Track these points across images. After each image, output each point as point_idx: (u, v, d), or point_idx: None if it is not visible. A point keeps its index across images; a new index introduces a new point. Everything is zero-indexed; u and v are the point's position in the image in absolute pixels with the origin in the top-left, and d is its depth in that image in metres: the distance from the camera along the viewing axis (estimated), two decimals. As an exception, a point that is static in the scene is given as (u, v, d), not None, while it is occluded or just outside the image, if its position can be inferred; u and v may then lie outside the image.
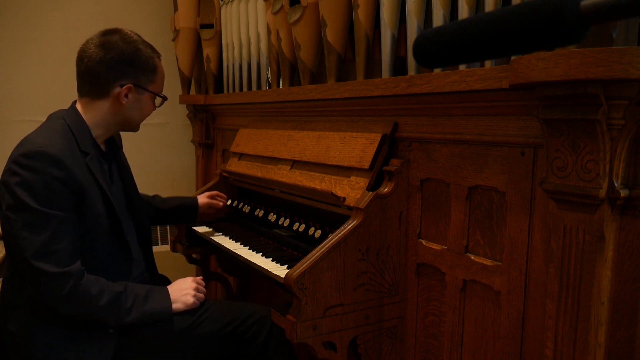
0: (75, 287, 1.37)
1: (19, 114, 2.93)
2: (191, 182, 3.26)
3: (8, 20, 2.91)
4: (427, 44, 0.57)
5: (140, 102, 1.59)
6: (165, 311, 1.52)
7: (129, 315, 1.45)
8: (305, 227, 1.76)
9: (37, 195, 1.33)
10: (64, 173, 1.37)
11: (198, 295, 1.59)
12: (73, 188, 1.39)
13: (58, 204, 1.36)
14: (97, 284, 1.42)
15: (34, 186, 1.34)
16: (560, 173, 1.04)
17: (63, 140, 1.43)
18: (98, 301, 1.40)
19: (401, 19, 1.58)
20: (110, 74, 1.51)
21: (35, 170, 1.34)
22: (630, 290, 1.04)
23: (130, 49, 1.53)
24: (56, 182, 1.36)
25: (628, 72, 0.87)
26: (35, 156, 1.35)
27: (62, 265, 1.35)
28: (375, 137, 1.55)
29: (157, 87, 1.64)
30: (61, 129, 1.47)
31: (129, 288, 1.49)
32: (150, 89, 1.61)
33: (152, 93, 1.62)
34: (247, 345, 1.61)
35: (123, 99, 1.54)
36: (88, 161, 1.47)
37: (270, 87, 2.33)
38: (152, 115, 1.75)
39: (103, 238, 1.51)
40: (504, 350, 1.29)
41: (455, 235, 1.39)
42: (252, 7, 2.36)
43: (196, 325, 1.55)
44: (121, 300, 1.44)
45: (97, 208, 1.47)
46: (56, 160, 1.36)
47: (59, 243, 1.35)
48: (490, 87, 1.19)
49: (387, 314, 1.54)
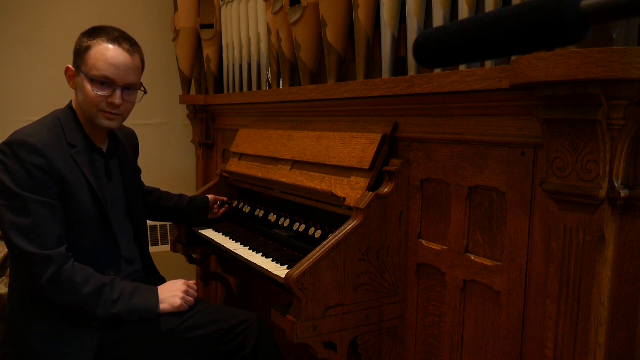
0: (58, 272, 1.40)
1: (19, 114, 2.93)
2: (191, 182, 3.26)
3: (8, 20, 2.91)
4: (427, 44, 0.57)
5: (80, 87, 1.54)
6: (151, 309, 1.52)
7: (114, 306, 1.46)
8: (305, 227, 1.76)
9: (19, 181, 1.39)
10: (43, 161, 1.42)
11: (186, 299, 1.58)
12: (53, 176, 1.43)
13: (40, 190, 1.41)
14: (83, 272, 1.44)
15: (16, 172, 1.39)
16: (560, 173, 1.04)
17: (48, 132, 1.48)
18: (81, 289, 1.42)
19: (401, 19, 1.58)
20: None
21: (17, 157, 1.40)
22: (630, 290, 1.04)
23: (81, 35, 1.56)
24: (36, 169, 1.41)
25: (628, 72, 0.87)
26: (15, 144, 1.41)
27: (44, 248, 1.39)
28: (375, 137, 1.55)
29: (89, 69, 1.51)
30: (50, 122, 1.53)
31: (117, 282, 1.51)
32: (83, 69, 1.52)
33: (84, 74, 1.52)
34: (235, 352, 1.60)
35: (69, 82, 1.59)
36: (74, 153, 1.50)
37: (270, 87, 2.33)
38: (152, 115, 1.75)
39: (90, 231, 1.53)
40: (504, 350, 1.29)
41: (455, 235, 1.39)
42: (252, 7, 2.36)
43: (182, 328, 1.55)
44: (105, 291, 1.46)
45: (83, 200, 1.50)
46: (35, 149, 1.41)
47: (42, 227, 1.40)
48: (490, 87, 1.19)
49: (387, 314, 1.54)
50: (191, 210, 2.13)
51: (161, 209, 2.07)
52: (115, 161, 1.69)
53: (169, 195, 2.11)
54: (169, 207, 2.08)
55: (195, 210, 2.14)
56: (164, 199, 2.09)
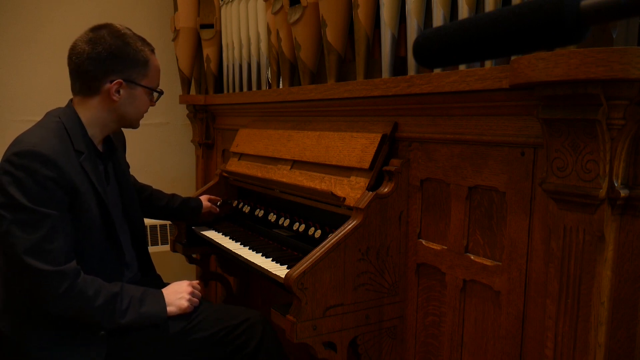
0: (72, 287, 1.35)
1: (19, 114, 2.93)
2: (191, 182, 3.26)
3: (8, 20, 2.91)
4: (427, 44, 0.57)
5: (134, 98, 1.55)
6: (160, 315, 1.50)
7: (124, 317, 1.43)
8: (305, 227, 1.76)
9: (30, 194, 1.32)
10: (56, 173, 1.35)
11: (193, 300, 1.57)
12: (66, 188, 1.38)
13: (52, 203, 1.35)
14: (94, 284, 1.40)
15: (27, 185, 1.32)
16: (560, 173, 1.04)
17: (56, 140, 1.41)
18: (94, 302, 1.38)
19: (401, 19, 1.58)
20: (98, 70, 1.48)
21: (28, 169, 1.33)
22: (630, 290, 1.04)
23: (118, 43, 1.49)
24: (49, 181, 1.34)
25: (628, 72, 0.87)
26: (27, 156, 1.34)
27: (57, 264, 1.33)
28: (375, 137, 1.55)
29: (150, 82, 1.58)
30: (56, 127, 1.45)
31: (125, 289, 1.47)
32: (144, 83, 1.55)
33: (146, 88, 1.56)
34: (237, 352, 1.59)
35: (114, 95, 1.50)
36: (82, 161, 1.45)
37: (270, 87, 2.33)
38: (152, 115, 1.75)
39: (96, 239, 1.49)
40: (504, 350, 1.29)
41: (455, 235, 1.39)
42: (252, 7, 2.36)
43: (188, 330, 1.53)
44: (117, 302, 1.42)
45: (91, 208, 1.46)
46: (48, 160, 1.35)
47: (53, 242, 1.34)
48: (490, 87, 1.18)
49: (387, 314, 1.54)
50: (183, 212, 2.11)
51: (152, 208, 2.05)
52: (111, 163, 1.66)
53: (160, 195, 2.08)
54: (159, 207, 2.06)
55: (189, 211, 2.12)
56: (155, 197, 2.06)
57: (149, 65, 1.55)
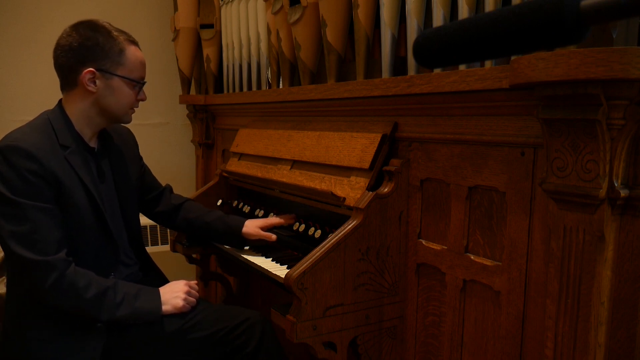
0: (61, 278, 1.37)
1: (19, 114, 2.93)
2: (191, 182, 3.26)
3: (8, 20, 2.90)
4: (427, 44, 0.57)
5: (112, 89, 1.53)
6: (155, 312, 1.51)
7: (118, 310, 1.44)
8: (305, 227, 1.76)
9: (13, 188, 1.36)
10: (37, 165, 1.38)
11: (189, 299, 1.57)
12: (48, 180, 1.40)
13: (35, 196, 1.38)
14: (85, 277, 1.42)
15: (9, 179, 1.36)
16: (560, 173, 1.04)
17: (39, 135, 1.45)
18: (84, 294, 1.40)
19: (401, 19, 1.58)
20: (72, 61, 1.50)
21: (9, 163, 1.37)
22: (630, 290, 1.04)
23: (90, 33, 1.50)
24: (31, 174, 1.38)
25: (628, 72, 0.87)
26: (7, 150, 1.38)
27: (45, 254, 1.36)
28: (375, 137, 1.55)
29: (129, 72, 1.54)
30: (41, 123, 1.50)
31: (119, 284, 1.49)
32: (120, 73, 1.53)
33: (123, 78, 1.53)
34: (236, 352, 1.59)
35: (89, 86, 1.50)
36: (68, 155, 1.47)
37: (270, 87, 2.33)
38: (152, 115, 1.75)
39: (90, 235, 1.51)
40: (504, 350, 1.29)
41: (455, 235, 1.39)
42: (252, 7, 2.36)
43: (185, 329, 1.54)
44: (109, 295, 1.44)
45: (79, 203, 1.47)
46: (28, 154, 1.38)
47: (40, 233, 1.37)
48: (490, 87, 1.19)
49: (387, 314, 1.54)
50: (218, 229, 1.88)
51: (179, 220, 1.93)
52: (107, 161, 1.66)
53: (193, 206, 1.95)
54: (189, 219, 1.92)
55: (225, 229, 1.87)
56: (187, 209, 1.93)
57: (125, 55, 1.53)
